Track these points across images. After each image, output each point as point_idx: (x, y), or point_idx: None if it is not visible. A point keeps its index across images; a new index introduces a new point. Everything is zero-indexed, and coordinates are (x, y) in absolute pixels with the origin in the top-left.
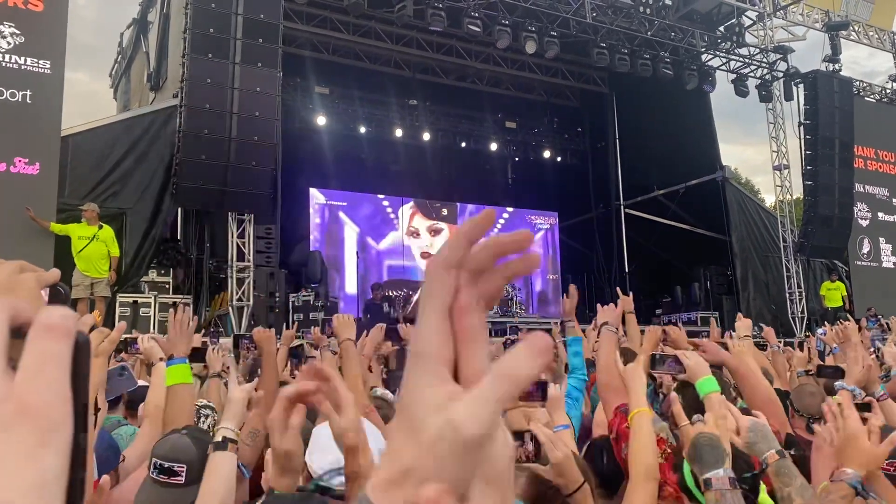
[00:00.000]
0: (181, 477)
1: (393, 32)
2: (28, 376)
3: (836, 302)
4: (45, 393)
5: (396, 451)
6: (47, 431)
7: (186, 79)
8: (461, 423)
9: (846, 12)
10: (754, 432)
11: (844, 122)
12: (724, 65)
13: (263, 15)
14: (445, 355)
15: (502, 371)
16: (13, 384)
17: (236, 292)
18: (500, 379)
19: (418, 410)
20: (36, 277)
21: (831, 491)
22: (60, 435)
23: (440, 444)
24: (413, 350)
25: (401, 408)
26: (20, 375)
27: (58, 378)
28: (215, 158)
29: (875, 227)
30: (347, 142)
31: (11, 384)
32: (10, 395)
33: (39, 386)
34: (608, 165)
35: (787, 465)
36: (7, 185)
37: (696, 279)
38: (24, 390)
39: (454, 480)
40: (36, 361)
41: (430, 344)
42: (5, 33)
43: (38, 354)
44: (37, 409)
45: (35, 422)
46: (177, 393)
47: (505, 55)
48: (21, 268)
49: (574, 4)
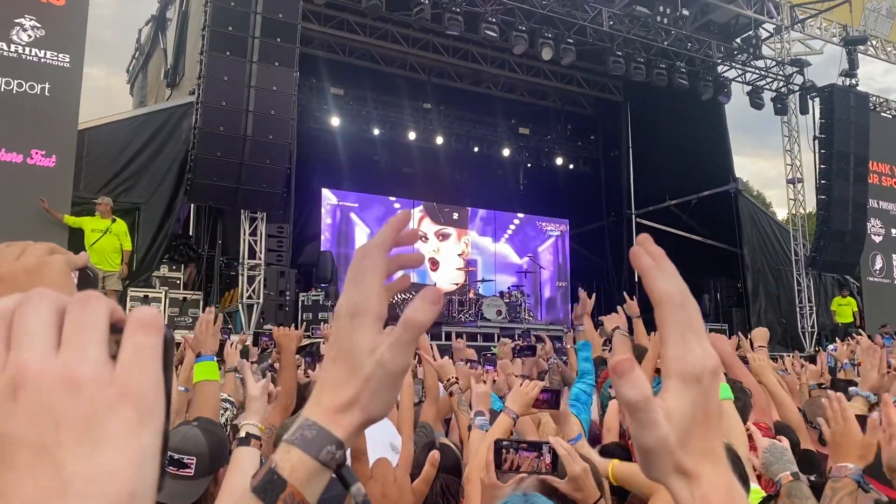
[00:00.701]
0: (191, 469)
1: (409, 35)
2: (128, 364)
3: (846, 318)
4: (143, 380)
5: (340, 386)
6: (146, 413)
7: (203, 76)
8: (386, 362)
9: (865, 27)
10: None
11: (860, 137)
12: (740, 76)
13: (282, 14)
14: (382, 313)
15: (407, 320)
16: (115, 371)
17: (247, 290)
18: (405, 325)
19: (358, 354)
20: (66, 260)
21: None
22: (155, 418)
23: (374, 379)
24: (352, 303)
25: (340, 351)
26: (120, 363)
27: (153, 367)
28: (230, 156)
29: (889, 243)
30: (361, 143)
31: (113, 371)
32: (113, 380)
33: (138, 373)
34: (620, 174)
35: (801, 486)
36: (23, 177)
37: (706, 291)
38: (125, 376)
39: (385, 404)
40: (134, 352)
41: (372, 302)
42: (26, 26)
43: (135, 346)
44: (137, 393)
45: (136, 404)
46: (203, 389)
47: (520, 61)
48: (51, 250)
49: (591, 12)
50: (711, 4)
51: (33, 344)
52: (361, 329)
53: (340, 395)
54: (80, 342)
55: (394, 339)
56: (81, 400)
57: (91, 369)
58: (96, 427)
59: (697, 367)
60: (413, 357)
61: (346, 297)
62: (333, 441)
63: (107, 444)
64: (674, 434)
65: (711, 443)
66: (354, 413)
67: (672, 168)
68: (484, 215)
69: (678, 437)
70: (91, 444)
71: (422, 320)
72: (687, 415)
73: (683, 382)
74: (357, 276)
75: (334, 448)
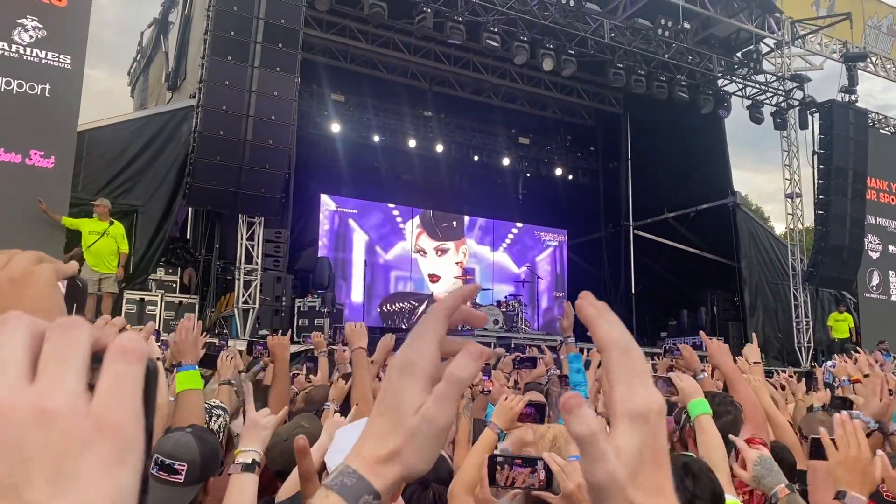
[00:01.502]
0: (181, 475)
1: (411, 44)
2: (106, 396)
3: (843, 333)
4: (121, 412)
5: (383, 438)
6: (124, 449)
7: (205, 80)
8: (431, 418)
9: (866, 44)
10: (761, 465)
11: (859, 153)
12: (740, 90)
13: (284, 20)
14: (434, 374)
15: (450, 376)
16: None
17: (242, 295)
18: (448, 381)
19: (404, 409)
20: (54, 269)
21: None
22: (134, 454)
23: (419, 433)
24: (407, 359)
25: (389, 404)
26: (98, 394)
27: (132, 399)
28: (229, 160)
29: (886, 259)
30: (360, 150)
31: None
32: (89, 413)
33: (116, 405)
34: (619, 185)
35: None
36: (22, 178)
37: (702, 304)
38: (102, 409)
39: (427, 459)
40: (113, 382)
41: (425, 361)
42: (28, 27)
43: (115, 375)
44: (114, 427)
45: (113, 439)
46: (187, 398)
47: (521, 71)
48: (39, 258)
49: (593, 24)
50: (713, 18)
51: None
52: (410, 385)
53: (383, 446)
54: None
55: (439, 395)
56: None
57: (66, 401)
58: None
59: (643, 406)
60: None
61: (402, 353)
62: (371, 491)
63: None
64: (623, 470)
65: (662, 480)
66: (395, 466)
67: (671, 181)
68: (482, 224)
69: (628, 474)
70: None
71: (464, 377)
72: (635, 452)
73: (631, 422)
74: (417, 334)
75: (371, 498)
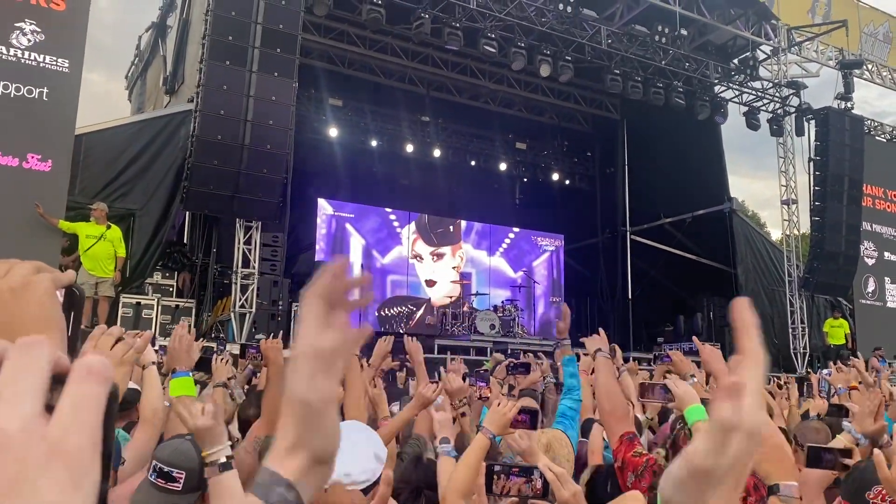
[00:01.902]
0: (179, 483)
1: (409, 49)
2: (64, 418)
3: (838, 339)
4: (78, 436)
5: (285, 431)
6: (80, 474)
7: (203, 84)
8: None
9: (862, 51)
10: None
11: (855, 159)
12: (737, 97)
13: (282, 25)
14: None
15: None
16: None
17: (239, 299)
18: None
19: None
20: (52, 279)
21: None
22: (90, 479)
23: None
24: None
25: (286, 400)
26: (56, 417)
27: (91, 422)
28: (227, 164)
29: (881, 266)
30: (358, 154)
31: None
32: (45, 436)
33: (74, 428)
34: (616, 191)
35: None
36: (19, 181)
37: (699, 309)
38: (59, 432)
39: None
40: (72, 404)
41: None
42: (26, 31)
43: (75, 397)
44: (70, 451)
45: (68, 463)
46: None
47: (518, 77)
48: (37, 268)
49: (590, 30)
50: (709, 25)
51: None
52: (295, 377)
53: (285, 439)
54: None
55: (302, 374)
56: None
57: (20, 424)
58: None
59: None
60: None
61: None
62: (282, 482)
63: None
64: None
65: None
66: (300, 452)
67: (667, 186)
68: (479, 229)
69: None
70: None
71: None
72: None
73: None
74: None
75: (284, 489)
